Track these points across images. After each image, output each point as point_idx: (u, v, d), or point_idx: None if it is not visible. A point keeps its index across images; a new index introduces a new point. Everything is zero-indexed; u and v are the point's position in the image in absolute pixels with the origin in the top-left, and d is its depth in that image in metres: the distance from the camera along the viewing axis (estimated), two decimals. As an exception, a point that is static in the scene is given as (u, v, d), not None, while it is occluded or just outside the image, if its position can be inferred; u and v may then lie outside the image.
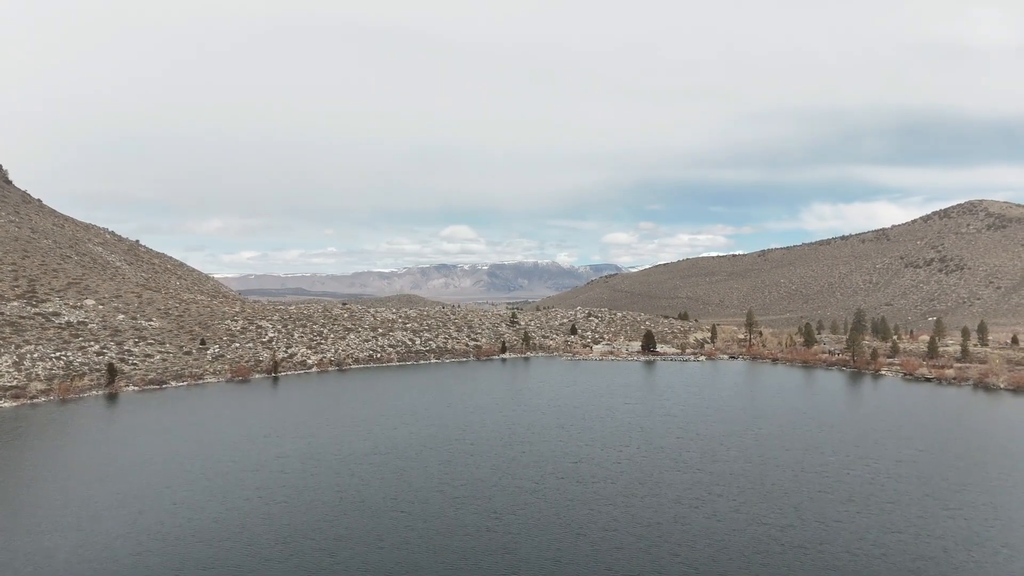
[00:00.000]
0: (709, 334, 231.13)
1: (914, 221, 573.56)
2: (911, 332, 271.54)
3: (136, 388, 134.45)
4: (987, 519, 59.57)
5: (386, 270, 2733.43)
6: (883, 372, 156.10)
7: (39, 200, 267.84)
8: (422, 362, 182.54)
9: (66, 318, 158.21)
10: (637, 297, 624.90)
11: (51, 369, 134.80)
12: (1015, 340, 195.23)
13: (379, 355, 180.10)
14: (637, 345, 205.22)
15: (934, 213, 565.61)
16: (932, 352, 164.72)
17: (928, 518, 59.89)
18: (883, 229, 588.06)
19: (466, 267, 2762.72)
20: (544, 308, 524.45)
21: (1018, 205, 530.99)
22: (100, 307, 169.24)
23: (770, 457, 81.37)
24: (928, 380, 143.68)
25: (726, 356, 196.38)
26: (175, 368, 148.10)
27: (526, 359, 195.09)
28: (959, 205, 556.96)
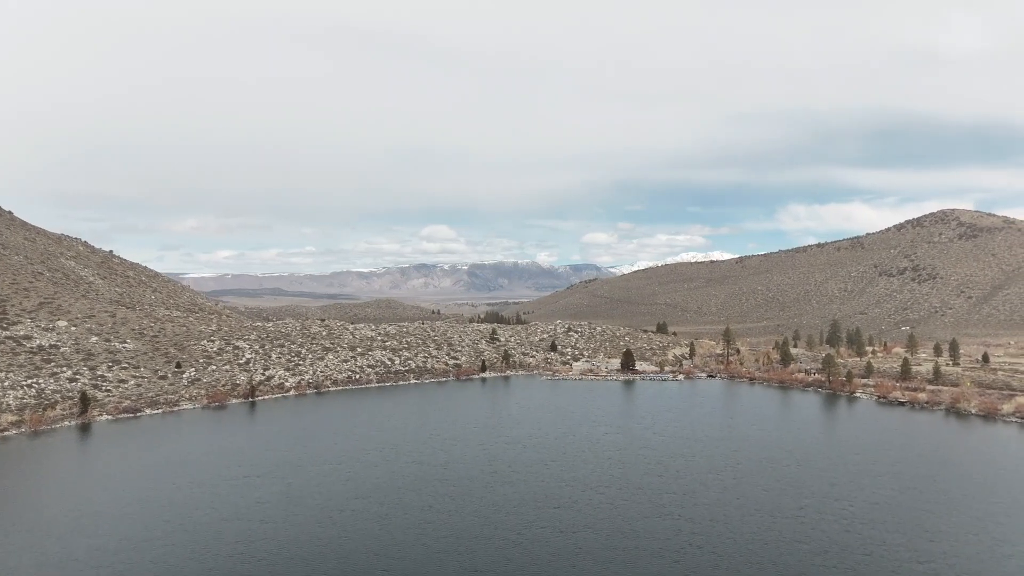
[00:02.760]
0: (688, 350, 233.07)
1: (888, 229, 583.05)
2: (885, 344, 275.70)
3: (110, 417, 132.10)
4: (959, 573, 60.83)
5: (365, 270, 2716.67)
6: (858, 394, 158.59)
7: (10, 212, 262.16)
8: (401, 383, 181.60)
9: (38, 341, 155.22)
10: (616, 303, 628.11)
11: (22, 398, 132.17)
12: (986, 358, 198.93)
13: (358, 376, 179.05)
14: (617, 363, 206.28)
15: (907, 222, 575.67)
16: (905, 373, 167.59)
17: (902, 573, 61.00)
18: (858, 237, 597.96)
19: (446, 267, 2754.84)
20: (525, 314, 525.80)
21: (989, 215, 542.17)
22: (73, 328, 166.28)
23: (749, 498, 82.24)
24: (901, 404, 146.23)
25: (704, 375, 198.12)
26: (150, 394, 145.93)
27: (506, 378, 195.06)
28: (931, 214, 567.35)
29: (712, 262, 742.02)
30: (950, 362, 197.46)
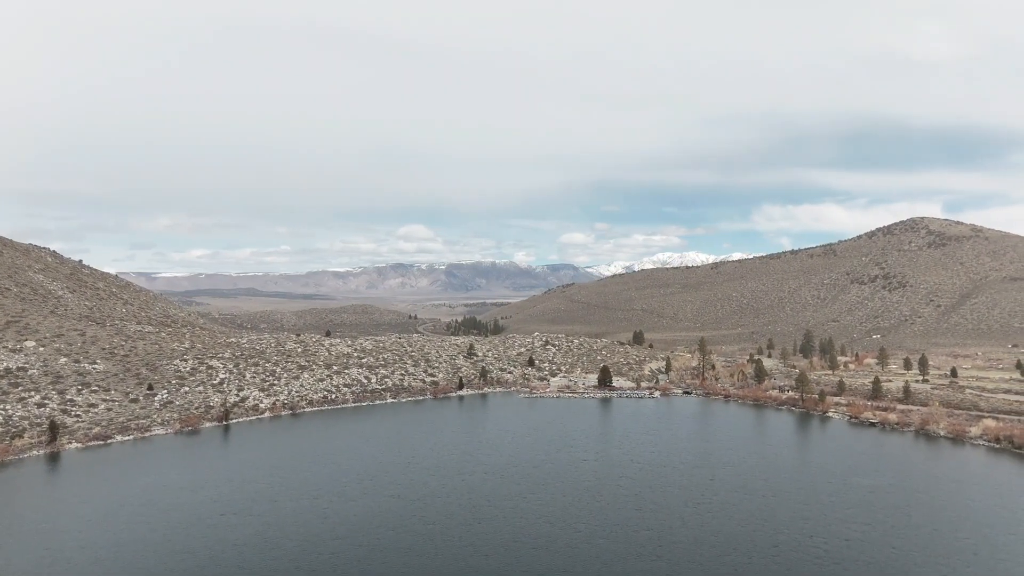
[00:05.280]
0: (664, 364, 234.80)
1: (859, 237, 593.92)
2: (856, 354, 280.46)
3: (80, 445, 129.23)
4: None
5: (341, 269, 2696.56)
6: (830, 414, 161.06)
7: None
8: (378, 402, 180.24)
9: (5, 364, 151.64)
10: (593, 308, 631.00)
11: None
12: (954, 372, 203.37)
13: (334, 395, 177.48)
14: (594, 378, 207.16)
15: (878, 229, 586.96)
16: (876, 392, 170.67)
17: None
18: (830, 244, 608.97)
19: (423, 267, 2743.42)
20: (503, 318, 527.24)
21: (957, 223, 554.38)
22: (41, 349, 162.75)
23: (725, 534, 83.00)
24: (873, 425, 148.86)
25: (680, 391, 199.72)
26: (120, 419, 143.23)
27: (483, 396, 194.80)
28: (902, 222, 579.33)
29: (688, 268, 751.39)
30: (920, 377, 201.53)
